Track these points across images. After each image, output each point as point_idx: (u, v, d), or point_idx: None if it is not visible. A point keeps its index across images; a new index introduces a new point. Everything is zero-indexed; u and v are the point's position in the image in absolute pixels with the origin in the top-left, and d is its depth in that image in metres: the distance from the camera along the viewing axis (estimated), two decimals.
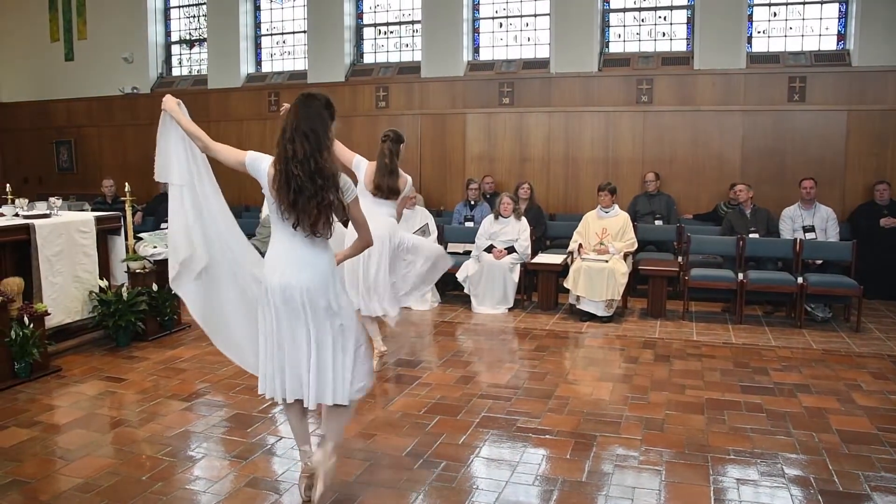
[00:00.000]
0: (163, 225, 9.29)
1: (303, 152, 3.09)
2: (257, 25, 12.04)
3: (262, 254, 3.45)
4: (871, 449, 4.17)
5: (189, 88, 12.17)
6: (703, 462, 3.97)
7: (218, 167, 3.47)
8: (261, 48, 12.10)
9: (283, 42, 12.00)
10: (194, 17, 12.49)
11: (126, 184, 7.00)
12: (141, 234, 7.21)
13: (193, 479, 3.76)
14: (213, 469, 3.88)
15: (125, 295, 6.27)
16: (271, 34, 12.04)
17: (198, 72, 12.47)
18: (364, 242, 3.53)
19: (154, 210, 10.21)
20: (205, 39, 12.29)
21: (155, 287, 6.60)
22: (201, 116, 11.73)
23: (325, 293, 3.23)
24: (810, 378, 5.57)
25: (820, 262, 7.84)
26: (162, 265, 6.93)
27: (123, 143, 12.37)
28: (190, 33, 12.57)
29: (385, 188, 5.27)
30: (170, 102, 3.52)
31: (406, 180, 5.42)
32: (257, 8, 12.00)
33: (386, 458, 4.03)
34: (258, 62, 12.11)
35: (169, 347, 6.35)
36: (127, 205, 6.79)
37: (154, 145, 3.66)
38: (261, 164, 3.24)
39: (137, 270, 6.61)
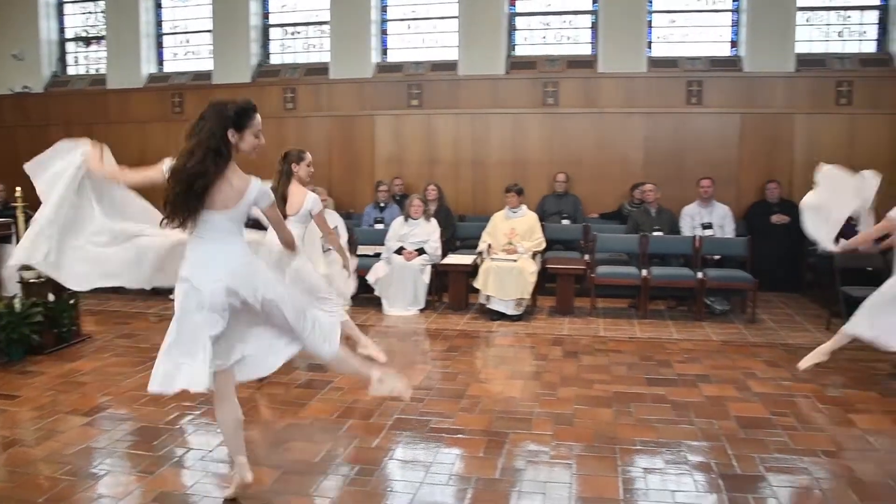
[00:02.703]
0: None
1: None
2: (159, 24, 11.66)
3: None
4: (765, 433, 4.38)
5: (86, 88, 11.69)
6: (612, 454, 4.08)
7: None
8: (163, 47, 11.73)
9: (187, 41, 11.68)
10: (91, 13, 12.00)
11: (17, 188, 6.64)
12: None
13: (96, 497, 3.59)
14: (117, 486, 3.71)
15: (18, 307, 5.96)
16: (174, 33, 11.70)
17: (96, 71, 11.98)
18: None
19: None
20: (103, 37, 11.82)
21: (51, 297, 6.28)
22: (100, 118, 11.35)
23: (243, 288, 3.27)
24: (710, 368, 5.80)
25: (718, 257, 8.19)
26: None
27: (14, 144, 11.68)
28: (86, 30, 12.07)
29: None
30: (94, 162, 3.57)
31: (303, 200, 5.31)
32: (158, 5, 11.62)
33: (298, 464, 3.97)
34: (160, 62, 11.73)
35: (68, 360, 6.06)
36: (18, 211, 6.44)
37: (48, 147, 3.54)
38: None
39: (31, 280, 6.28)
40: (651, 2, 10.05)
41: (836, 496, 3.56)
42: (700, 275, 7.61)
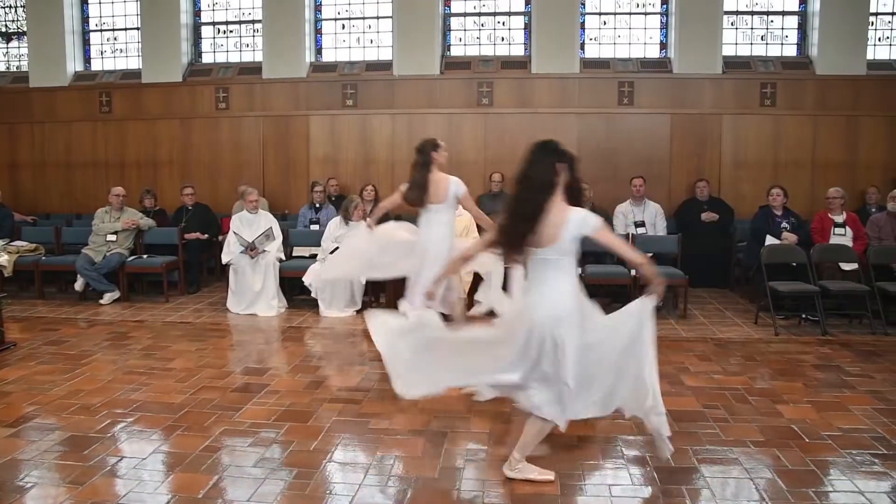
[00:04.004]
0: None
1: None
2: (85, 20, 11.31)
3: (92, 261, 3.30)
4: (697, 425, 4.50)
5: (7, 86, 11.27)
6: (550, 450, 4.12)
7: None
8: (89, 44, 11.39)
9: (115, 39, 11.36)
10: (10, 7, 11.55)
11: None
12: None
13: None
14: (46, 498, 3.57)
15: None
16: (101, 30, 11.36)
17: (17, 68, 11.56)
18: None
19: None
20: (24, 33, 11.40)
21: None
22: (23, 117, 10.98)
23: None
24: None
25: (650, 254, 8.35)
26: None
27: None
28: (6, 25, 11.61)
29: (412, 200, 5.68)
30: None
31: (447, 185, 5.63)
32: (84, 1, 11.27)
33: (235, 470, 3.90)
34: (87, 59, 11.38)
35: None
36: None
37: None
38: None
39: None
40: (583, 4, 10.21)
41: (765, 484, 3.68)
42: (633, 272, 7.76)
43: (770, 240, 7.76)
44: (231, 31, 11.10)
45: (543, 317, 3.47)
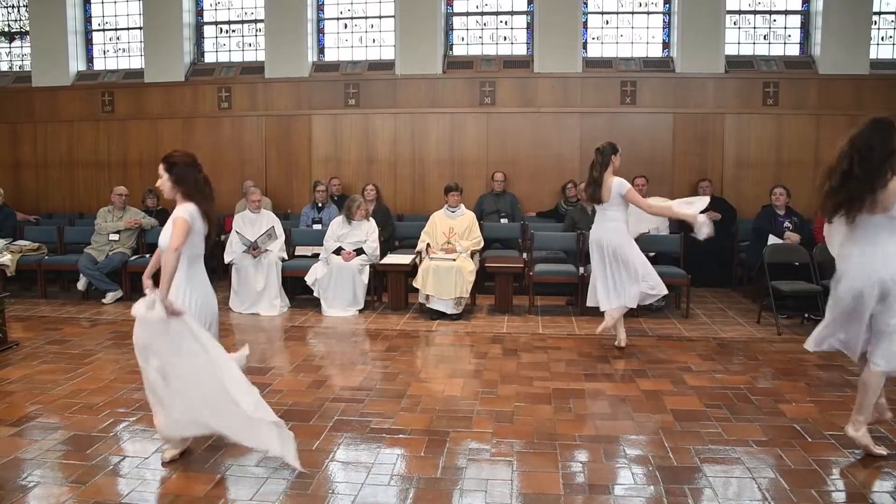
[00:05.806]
0: None
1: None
2: (87, 20, 11.32)
3: (95, 260, 3.29)
4: (700, 425, 4.49)
5: (10, 86, 11.28)
6: (552, 450, 4.11)
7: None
8: (92, 44, 11.39)
9: (118, 38, 11.36)
10: (13, 7, 11.56)
11: None
12: None
13: None
14: (49, 498, 3.57)
15: None
16: (103, 29, 11.36)
17: (20, 68, 11.57)
18: None
19: None
20: (27, 33, 11.41)
21: None
22: (25, 117, 10.99)
23: None
24: (647, 363, 5.90)
25: (653, 254, 8.33)
26: None
27: None
28: (9, 25, 11.63)
29: (589, 196, 6.30)
30: None
31: (612, 184, 6.11)
32: (86, 1, 11.27)
33: (237, 469, 3.90)
34: (89, 59, 11.39)
35: None
36: None
37: None
38: None
39: None
40: (586, 3, 10.21)
41: (767, 484, 3.67)
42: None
43: (773, 239, 7.75)
44: (233, 31, 11.10)
45: (881, 276, 3.76)
